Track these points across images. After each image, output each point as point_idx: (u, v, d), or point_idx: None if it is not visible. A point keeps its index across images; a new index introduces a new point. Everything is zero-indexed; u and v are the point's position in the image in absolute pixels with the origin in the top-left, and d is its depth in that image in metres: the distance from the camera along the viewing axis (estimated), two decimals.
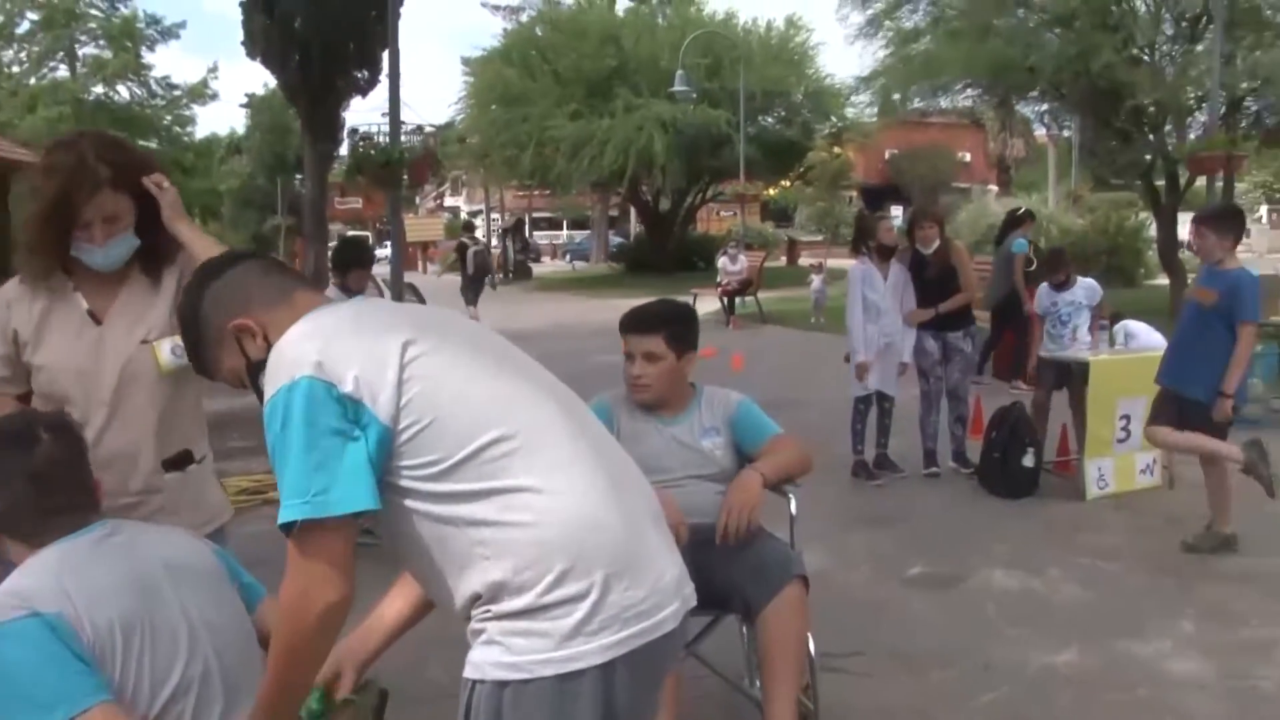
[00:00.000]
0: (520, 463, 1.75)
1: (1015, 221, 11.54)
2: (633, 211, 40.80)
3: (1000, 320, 11.08)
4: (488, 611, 1.74)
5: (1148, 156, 18.26)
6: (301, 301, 1.90)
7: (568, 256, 47.14)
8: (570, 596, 1.71)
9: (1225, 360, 5.41)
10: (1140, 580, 5.33)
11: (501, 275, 35.38)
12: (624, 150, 27.51)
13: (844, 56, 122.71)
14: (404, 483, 1.74)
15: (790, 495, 3.58)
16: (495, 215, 49.08)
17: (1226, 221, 5.72)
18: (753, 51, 29.21)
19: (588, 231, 49.47)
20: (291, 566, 1.71)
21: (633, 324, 3.55)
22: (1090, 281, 7.88)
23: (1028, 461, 6.95)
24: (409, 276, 12.63)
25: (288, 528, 1.68)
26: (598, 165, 28.18)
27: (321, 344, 1.74)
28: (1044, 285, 7.94)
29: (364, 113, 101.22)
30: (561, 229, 58.85)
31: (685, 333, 3.55)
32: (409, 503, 1.76)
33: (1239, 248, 5.93)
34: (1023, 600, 5.10)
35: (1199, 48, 15.99)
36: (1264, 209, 49.93)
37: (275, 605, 1.86)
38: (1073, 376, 7.25)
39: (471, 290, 19.26)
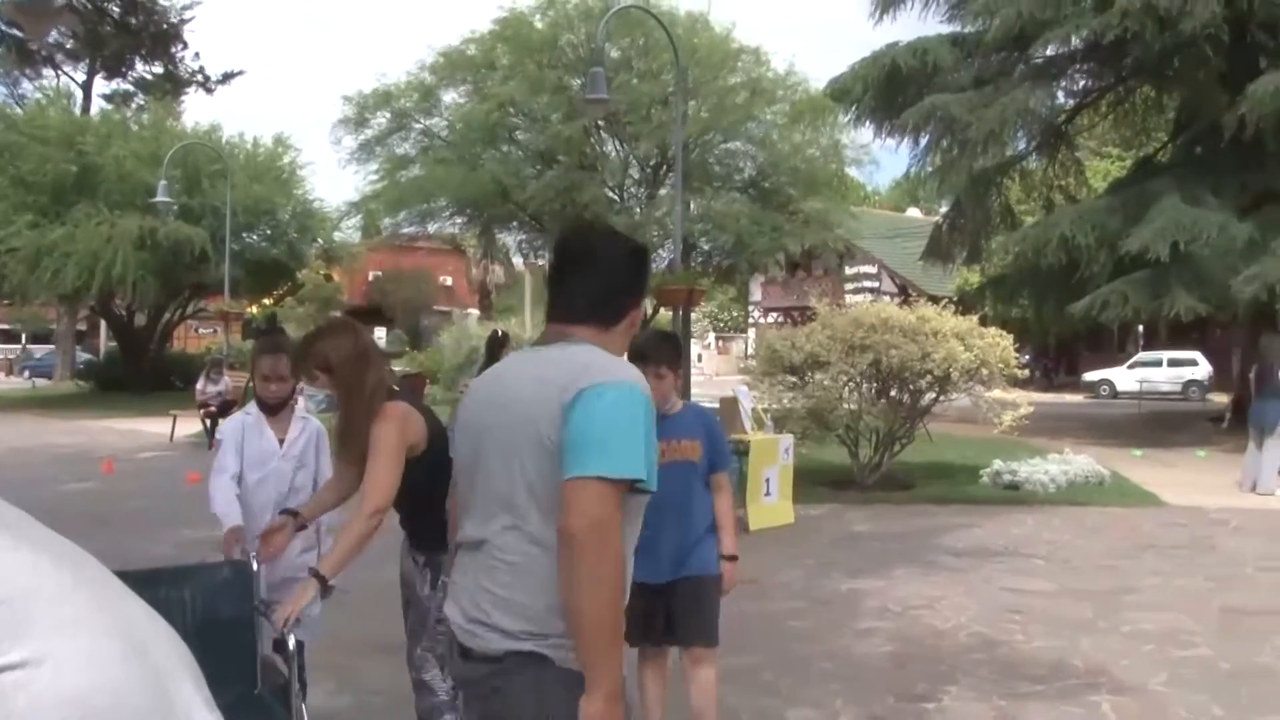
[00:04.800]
0: (9, 635, 1.36)
1: (500, 343, 11.80)
2: (103, 326, 37.99)
3: None
4: None
5: None
6: None
7: (25, 373, 42.97)
8: None
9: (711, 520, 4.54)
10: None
11: None
12: (89, 265, 25.55)
13: (336, 179, 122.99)
14: None
15: None
16: None
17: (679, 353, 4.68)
18: (238, 167, 28.45)
19: (51, 346, 45.36)
20: None
21: None
22: None
23: None
24: None
25: None
26: (60, 279, 25.97)
27: None
28: None
29: None
30: (19, 342, 53.55)
31: None
32: None
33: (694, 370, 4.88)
34: None
35: (662, 192, 17.78)
36: (712, 336, 55.64)
37: None
38: None
39: None
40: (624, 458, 2.14)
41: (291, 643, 3.58)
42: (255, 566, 3.93)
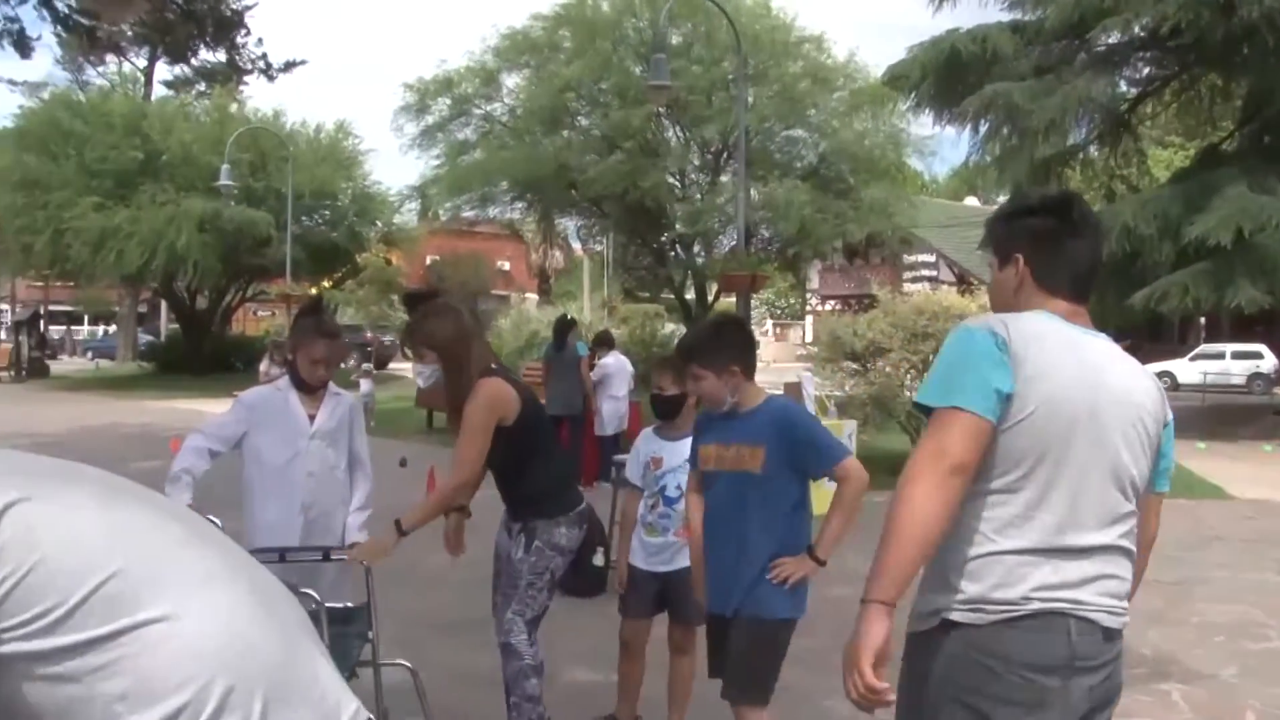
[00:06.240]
0: (149, 592, 1.50)
1: (568, 327, 12.14)
2: (164, 308, 38.64)
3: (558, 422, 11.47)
4: None
5: (675, 272, 19.96)
6: None
7: (89, 354, 43.76)
8: None
9: (793, 540, 3.80)
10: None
11: (11, 373, 32.41)
12: (152, 245, 26.08)
13: (397, 165, 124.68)
14: (8, 649, 1.43)
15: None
16: (3, 306, 44.74)
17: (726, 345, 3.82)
18: (301, 151, 28.84)
19: (113, 327, 46.17)
20: None
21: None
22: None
23: (598, 560, 7.22)
24: None
25: None
26: (124, 259, 26.49)
27: None
28: (647, 432, 4.81)
29: None
30: (83, 323, 54.52)
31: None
32: (21, 675, 1.45)
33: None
34: (606, 692, 5.31)
35: (723, 179, 17.81)
36: (770, 323, 55.62)
37: None
38: None
39: None
40: None
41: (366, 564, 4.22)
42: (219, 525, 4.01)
